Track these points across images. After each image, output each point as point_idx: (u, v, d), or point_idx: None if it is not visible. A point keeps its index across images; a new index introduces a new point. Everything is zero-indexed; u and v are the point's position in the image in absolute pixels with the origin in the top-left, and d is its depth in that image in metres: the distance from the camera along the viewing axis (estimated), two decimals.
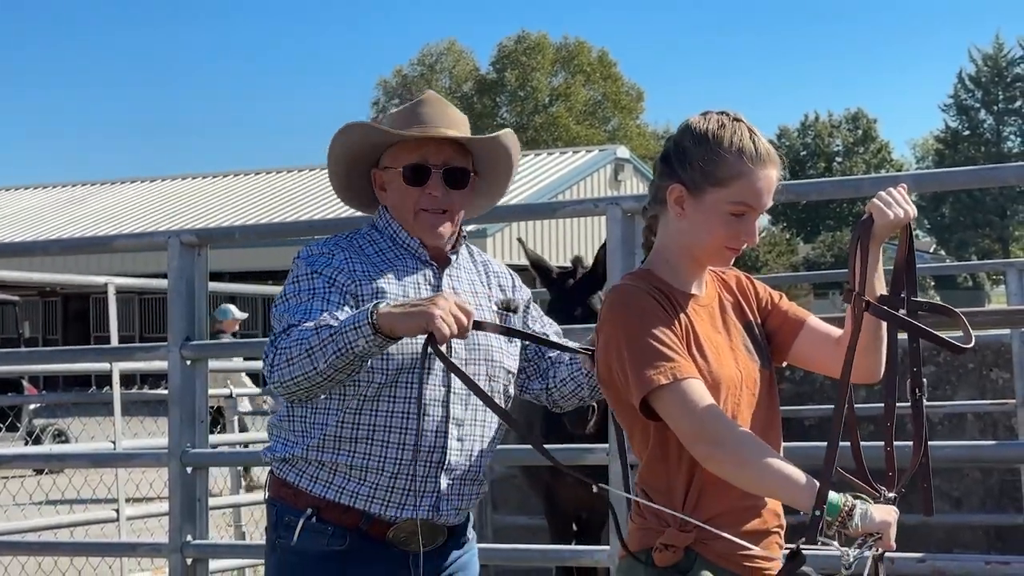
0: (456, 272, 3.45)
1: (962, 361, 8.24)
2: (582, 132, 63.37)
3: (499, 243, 30.12)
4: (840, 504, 2.66)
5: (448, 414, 3.30)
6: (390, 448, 3.26)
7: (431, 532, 3.32)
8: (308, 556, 3.31)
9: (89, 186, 42.01)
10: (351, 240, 3.40)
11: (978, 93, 76.47)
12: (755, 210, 2.94)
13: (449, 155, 3.37)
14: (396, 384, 3.26)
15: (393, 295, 3.27)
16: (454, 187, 3.37)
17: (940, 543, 8.03)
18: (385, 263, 3.35)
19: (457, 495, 3.35)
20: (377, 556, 3.30)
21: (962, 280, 69.81)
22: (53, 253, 7.66)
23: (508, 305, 3.50)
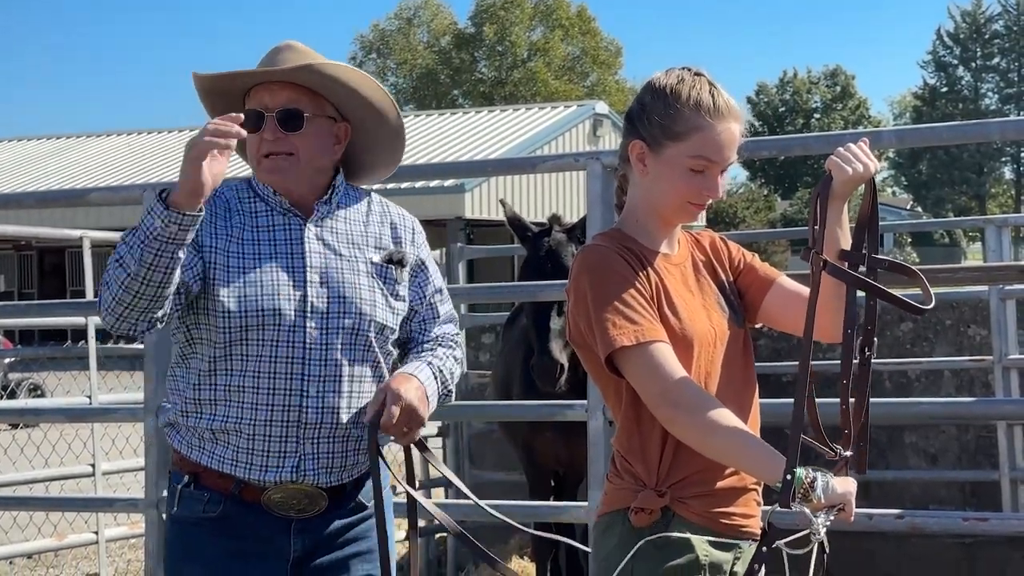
0: (328, 222, 3.33)
1: (939, 318, 8.25)
2: (561, 87, 63.13)
3: (477, 198, 30.05)
4: (802, 477, 2.64)
5: (305, 371, 3.20)
6: (245, 409, 3.18)
7: (307, 497, 3.23)
8: (187, 523, 3.27)
9: (65, 139, 41.73)
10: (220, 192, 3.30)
11: (956, 50, 76.49)
12: (715, 164, 2.91)
13: (287, 98, 3.27)
14: (246, 342, 3.18)
15: (248, 246, 3.22)
16: (291, 129, 3.26)
17: (916, 499, 8.08)
18: (246, 214, 3.29)
19: (325, 454, 3.23)
20: (256, 522, 3.22)
21: (939, 237, 70.12)
22: (27, 206, 7.57)
23: (391, 257, 3.37)
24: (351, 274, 3.29)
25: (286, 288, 3.21)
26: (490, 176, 27.86)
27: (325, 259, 3.28)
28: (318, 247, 3.29)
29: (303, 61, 3.28)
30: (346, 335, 3.25)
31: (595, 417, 4.81)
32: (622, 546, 2.89)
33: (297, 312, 3.20)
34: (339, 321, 3.24)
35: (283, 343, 3.19)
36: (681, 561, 2.85)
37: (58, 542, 7.98)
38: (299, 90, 3.28)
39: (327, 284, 3.25)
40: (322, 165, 3.34)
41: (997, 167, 75.44)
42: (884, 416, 5.94)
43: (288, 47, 3.35)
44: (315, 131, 3.29)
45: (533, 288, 5.71)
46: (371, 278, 3.32)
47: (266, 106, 3.27)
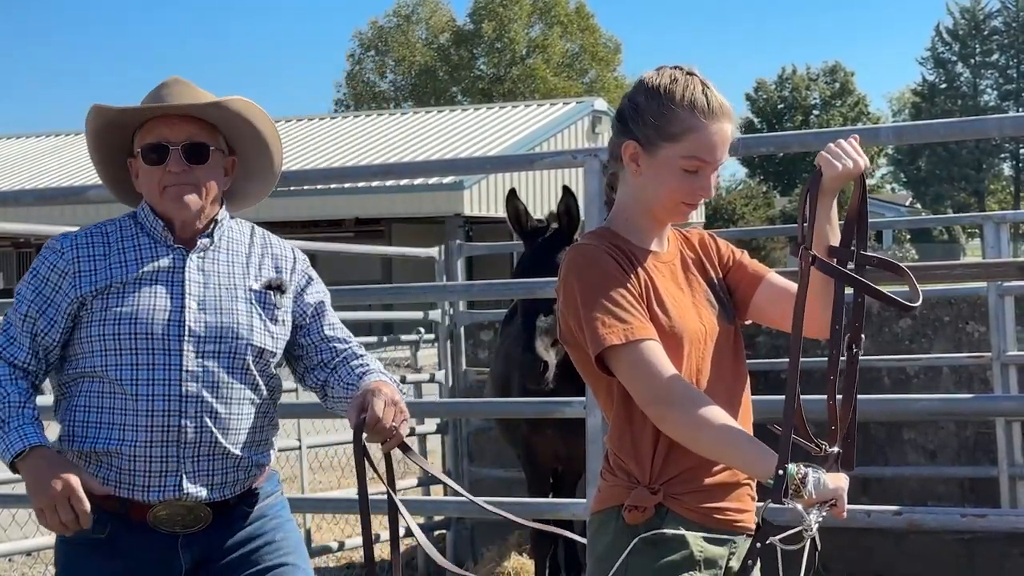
0: (209, 254, 3.41)
1: (938, 315, 8.25)
2: (559, 84, 63.13)
3: (476, 195, 30.03)
4: (793, 472, 2.64)
5: (183, 392, 3.26)
6: (126, 431, 3.26)
7: (189, 512, 3.30)
8: (76, 545, 3.32)
9: (64, 136, 41.71)
10: (96, 231, 3.41)
11: (955, 46, 76.46)
12: (709, 164, 2.92)
13: (188, 132, 3.35)
14: (124, 367, 3.26)
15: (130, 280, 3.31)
16: (196, 162, 3.34)
17: (914, 495, 8.08)
18: (126, 250, 3.36)
19: (206, 472, 3.30)
20: (143, 540, 3.29)
21: (938, 233, 70.11)
22: (26, 203, 7.56)
23: (271, 284, 3.44)
24: (229, 301, 3.38)
25: (163, 314, 3.29)
26: (489, 173, 27.82)
27: (204, 287, 3.36)
28: (198, 276, 3.37)
29: (192, 94, 3.37)
30: (224, 359, 3.33)
31: (593, 414, 4.81)
32: (617, 544, 2.89)
33: (174, 336, 3.28)
34: (216, 345, 3.32)
35: (160, 366, 3.27)
36: (676, 557, 2.86)
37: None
38: (198, 124, 3.37)
39: (205, 310, 3.34)
40: (216, 196, 3.43)
41: (996, 163, 75.40)
42: (883, 412, 5.94)
43: (177, 82, 3.42)
44: (216, 164, 3.40)
45: (531, 285, 5.71)
46: (249, 304, 3.40)
47: (167, 139, 3.35)
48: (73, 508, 3.12)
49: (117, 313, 3.27)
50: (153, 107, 3.36)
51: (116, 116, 3.40)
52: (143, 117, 3.38)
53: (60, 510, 3.11)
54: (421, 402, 7.95)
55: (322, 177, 10.82)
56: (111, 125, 3.43)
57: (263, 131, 3.47)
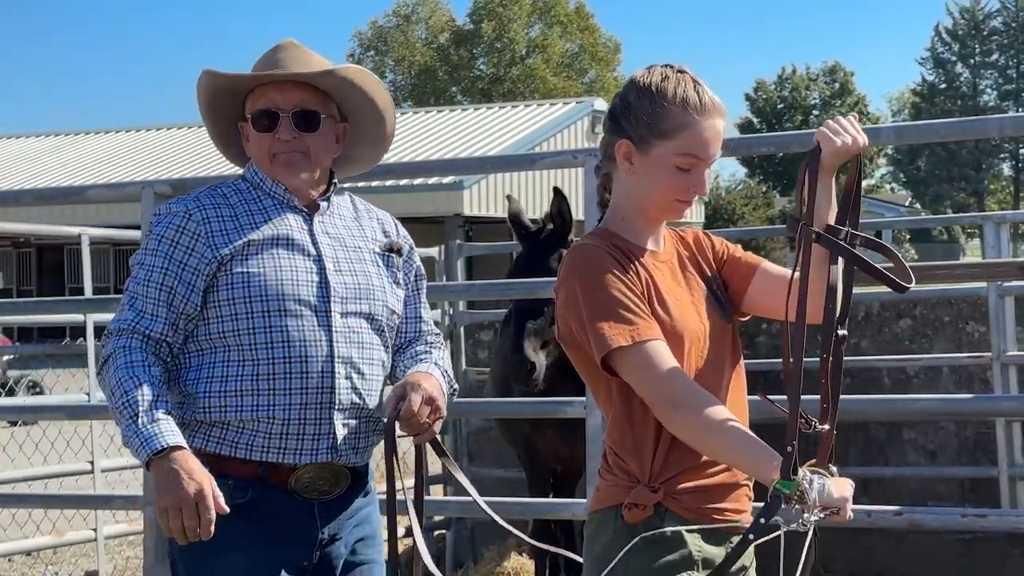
0: (329, 218, 3.42)
1: (938, 315, 8.25)
2: (559, 84, 63.13)
3: (476, 195, 30.04)
4: (798, 478, 2.63)
5: (332, 353, 3.26)
6: (277, 395, 3.21)
7: (333, 476, 3.30)
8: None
9: (64, 136, 41.70)
10: (214, 192, 3.37)
11: (955, 46, 76.42)
12: (703, 161, 2.92)
13: (299, 99, 3.33)
14: (273, 329, 3.22)
15: (265, 241, 3.27)
16: (306, 130, 3.33)
17: (914, 495, 8.08)
18: (253, 212, 3.33)
19: (354, 434, 3.31)
20: (281, 505, 3.26)
21: (938, 233, 70.12)
22: (26, 203, 7.57)
23: (391, 247, 3.48)
24: (360, 263, 3.39)
25: (306, 275, 3.28)
26: (488, 173, 27.83)
27: (335, 250, 3.37)
28: (327, 239, 3.37)
29: (306, 59, 3.35)
30: (365, 319, 3.34)
31: (593, 414, 4.81)
32: (616, 542, 2.89)
33: (320, 298, 3.28)
34: (358, 306, 3.33)
35: (311, 328, 3.25)
36: (674, 557, 2.85)
37: (57, 539, 7.98)
38: (310, 90, 3.35)
39: (342, 272, 3.34)
40: (327, 164, 3.43)
41: (996, 163, 75.36)
42: (883, 412, 5.95)
43: (292, 45, 3.40)
44: (326, 131, 3.39)
45: (531, 285, 5.71)
46: (377, 266, 3.43)
47: (278, 106, 3.33)
48: (199, 514, 3.03)
49: (260, 276, 3.23)
50: (263, 74, 3.34)
51: (226, 82, 3.38)
52: (254, 83, 3.36)
53: (186, 514, 3.02)
54: None
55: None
56: (221, 90, 3.40)
57: (376, 99, 3.45)
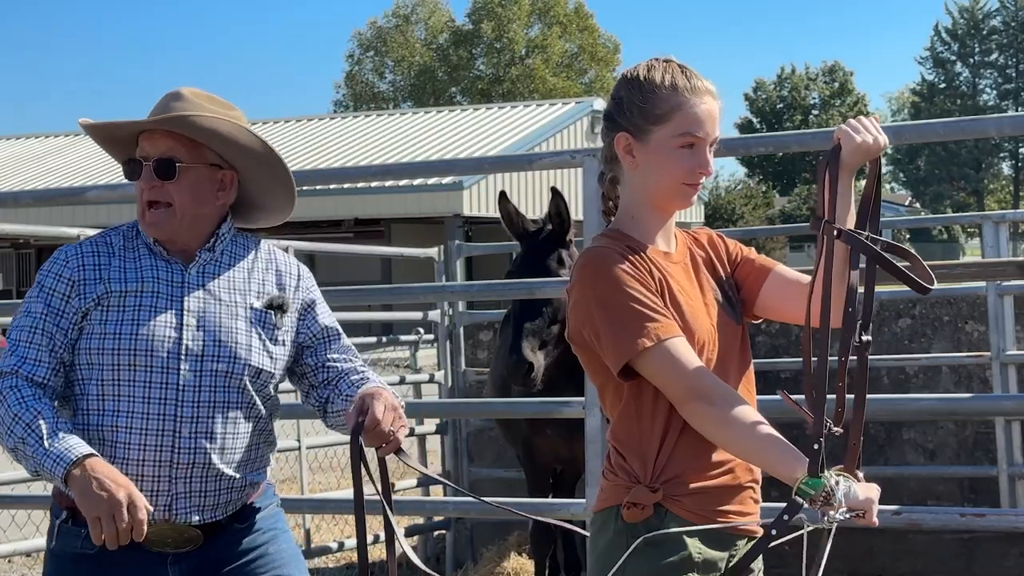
0: (209, 269, 3.37)
1: (937, 314, 8.25)
2: (559, 84, 63.10)
3: (475, 195, 30.03)
4: (823, 480, 2.63)
5: (177, 413, 3.23)
6: (119, 448, 3.21)
7: (178, 534, 3.26)
8: (64, 559, 3.29)
9: (63, 137, 41.69)
10: (100, 240, 3.37)
11: (954, 46, 76.50)
12: (701, 140, 2.92)
13: (165, 147, 3.30)
14: (120, 383, 3.22)
15: (128, 292, 3.26)
16: (164, 178, 3.29)
17: (914, 494, 8.07)
18: (127, 260, 3.32)
19: (199, 493, 3.26)
20: (132, 558, 3.22)
21: (937, 233, 70.10)
22: (25, 204, 7.57)
23: (272, 303, 3.40)
24: (229, 319, 3.33)
25: (161, 330, 3.25)
26: (487, 173, 27.83)
27: (204, 303, 3.32)
28: (197, 292, 3.32)
29: (189, 109, 3.31)
30: (220, 378, 3.28)
31: (592, 414, 4.81)
32: (616, 542, 2.88)
33: (171, 354, 3.24)
34: (213, 364, 3.28)
35: (156, 384, 3.23)
36: (674, 559, 2.84)
37: None
38: (178, 139, 3.31)
39: (203, 328, 3.29)
40: (202, 213, 3.36)
41: (995, 163, 75.42)
42: (882, 412, 5.94)
43: (176, 95, 3.37)
44: (191, 180, 3.32)
45: (530, 285, 5.71)
46: (249, 323, 3.35)
47: (146, 155, 3.32)
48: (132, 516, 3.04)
49: (116, 328, 3.23)
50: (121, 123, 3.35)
51: (98, 132, 3.39)
52: (117, 132, 3.37)
53: (118, 519, 3.02)
54: (420, 402, 7.94)
55: (321, 178, 10.82)
56: (106, 139, 3.41)
57: (250, 147, 3.39)
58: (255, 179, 3.45)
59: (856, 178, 2.93)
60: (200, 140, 3.31)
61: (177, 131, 3.29)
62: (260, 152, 3.40)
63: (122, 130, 3.38)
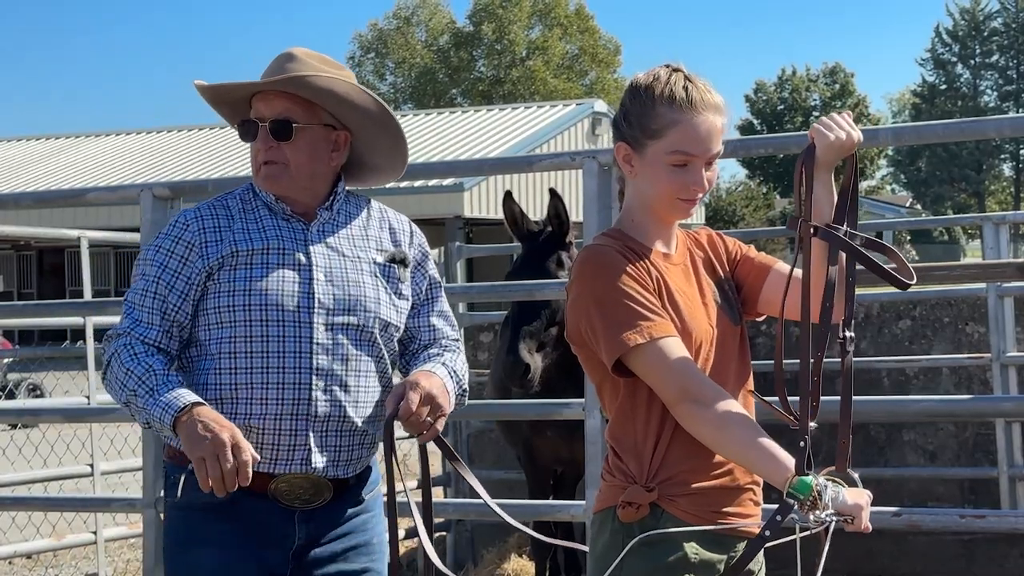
0: (330, 227, 3.41)
1: (938, 316, 8.25)
2: (559, 86, 63.09)
3: (476, 197, 30.04)
4: (811, 484, 2.63)
5: (311, 365, 3.26)
6: (254, 405, 3.25)
7: (313, 487, 3.30)
8: (193, 508, 3.31)
9: (64, 139, 41.70)
10: (218, 202, 3.41)
11: (955, 47, 76.48)
12: (695, 157, 2.89)
13: (281, 108, 3.33)
14: (254, 339, 3.25)
15: (254, 251, 3.30)
16: (282, 139, 3.32)
17: (914, 495, 8.07)
18: (248, 221, 3.36)
19: (333, 447, 3.31)
20: (262, 509, 3.28)
21: (938, 234, 70.09)
22: (26, 206, 7.57)
23: (394, 258, 3.46)
24: (356, 273, 3.38)
25: (291, 285, 3.29)
26: (487, 175, 27.84)
27: (329, 259, 3.36)
28: (322, 248, 3.37)
29: (303, 70, 3.33)
30: (352, 331, 3.33)
31: (592, 416, 4.81)
32: (613, 543, 2.88)
33: (304, 308, 3.28)
34: (345, 318, 3.32)
35: (291, 338, 3.26)
36: (670, 559, 2.84)
37: (57, 542, 7.98)
38: (294, 100, 3.33)
39: (332, 282, 3.33)
40: (318, 172, 3.40)
41: (996, 164, 75.39)
42: (882, 413, 5.94)
43: (289, 56, 3.40)
44: (307, 140, 3.35)
45: (531, 287, 5.71)
46: (375, 277, 3.41)
47: (261, 116, 3.35)
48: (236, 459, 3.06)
49: (245, 285, 3.26)
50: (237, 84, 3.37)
51: (212, 94, 3.42)
52: (243, 92, 3.39)
53: (223, 459, 3.04)
54: None
55: None
56: (218, 102, 3.45)
57: (364, 106, 3.41)
58: (367, 139, 3.49)
59: (835, 176, 2.93)
60: (315, 101, 3.34)
61: (293, 92, 3.32)
62: (374, 112, 3.44)
63: (238, 92, 3.40)
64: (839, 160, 2.83)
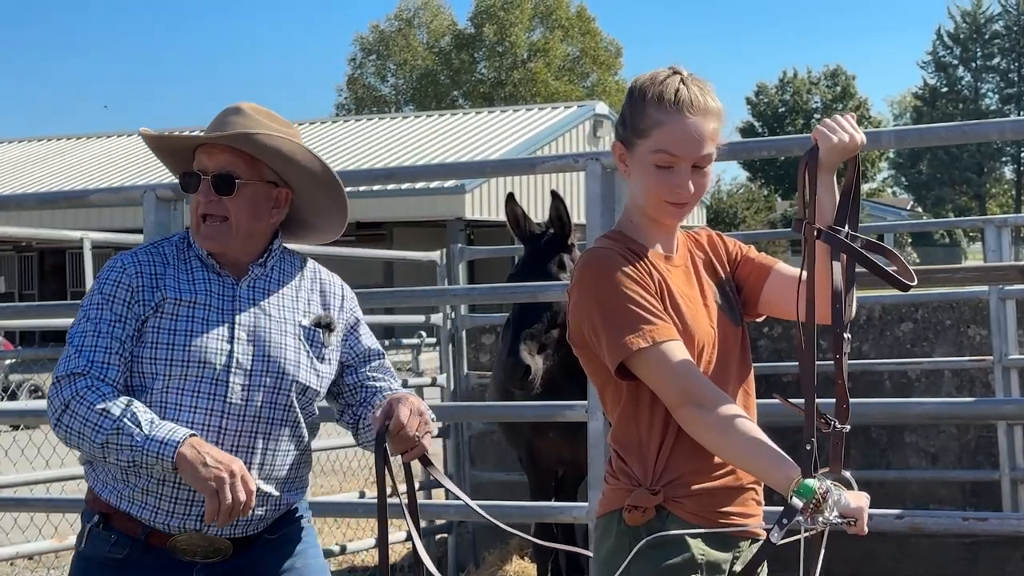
0: (261, 284, 3.39)
1: (939, 318, 8.25)
2: (561, 88, 63.07)
3: (477, 199, 30.03)
4: (814, 488, 2.63)
5: (222, 425, 3.23)
6: None
7: (210, 545, 3.28)
8: (92, 562, 3.30)
9: (66, 140, 41.70)
10: (153, 249, 3.38)
11: (956, 50, 76.48)
12: (678, 159, 2.88)
13: (224, 162, 3.31)
14: (168, 391, 3.23)
15: (182, 303, 3.27)
16: (223, 193, 3.30)
17: (916, 498, 8.08)
18: (180, 272, 3.34)
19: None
20: (160, 565, 3.25)
21: (939, 237, 70.09)
22: (28, 207, 7.59)
23: (320, 321, 3.43)
24: (278, 335, 3.35)
25: (214, 342, 3.26)
26: (489, 177, 27.83)
27: (254, 318, 3.33)
28: (248, 306, 3.34)
29: (250, 126, 3.32)
30: (267, 393, 3.30)
31: (595, 418, 4.81)
32: (619, 546, 2.89)
33: (223, 367, 3.25)
34: (261, 379, 3.29)
35: (205, 395, 3.24)
36: (677, 560, 2.84)
37: (59, 543, 7.97)
38: (238, 155, 3.32)
39: (254, 342, 3.30)
40: (256, 229, 3.38)
41: (997, 167, 75.40)
42: (884, 415, 5.94)
43: (236, 110, 3.39)
44: (249, 196, 3.34)
45: (531, 289, 5.71)
46: (298, 340, 3.38)
47: (205, 168, 3.33)
48: (246, 490, 3.06)
49: (170, 339, 3.24)
50: (182, 136, 3.38)
51: (157, 143, 3.42)
52: (176, 145, 3.40)
53: (234, 491, 3.03)
54: None
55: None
56: (164, 150, 3.44)
57: (309, 168, 3.40)
58: (308, 198, 3.47)
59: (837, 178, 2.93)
60: (260, 158, 3.33)
61: (238, 147, 3.31)
62: (318, 172, 3.42)
63: (182, 143, 3.40)
64: (841, 162, 2.84)
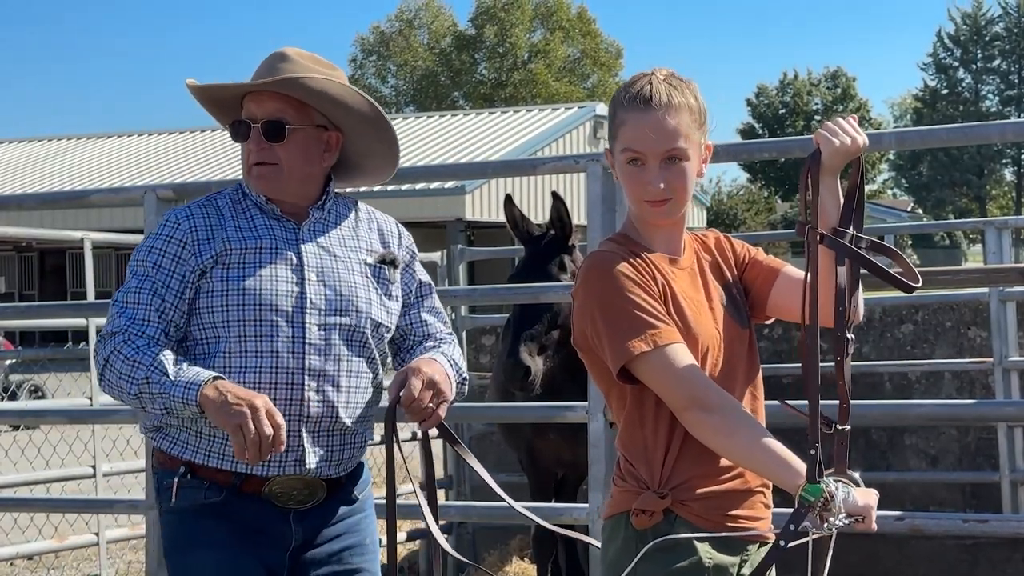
0: (321, 227, 3.41)
1: (940, 320, 8.26)
2: (561, 89, 63.06)
3: (478, 200, 30.05)
4: (823, 488, 2.64)
5: (303, 365, 3.25)
6: None
7: (307, 488, 3.30)
8: (187, 512, 3.30)
9: (67, 141, 41.71)
10: (207, 202, 3.39)
11: (957, 52, 76.41)
12: (639, 154, 2.88)
13: (273, 108, 3.32)
14: (247, 339, 3.24)
15: (246, 250, 3.28)
16: (273, 140, 3.31)
17: (916, 500, 8.08)
18: (240, 221, 3.35)
19: (326, 447, 3.30)
20: (256, 510, 3.28)
21: (939, 239, 70.08)
22: (28, 207, 7.59)
23: (384, 259, 3.46)
24: (347, 273, 3.37)
25: (284, 285, 3.28)
26: (490, 178, 27.84)
27: (321, 260, 3.35)
28: (313, 248, 3.36)
29: (296, 71, 3.32)
30: (344, 332, 3.33)
31: (595, 419, 4.80)
32: (626, 549, 2.88)
33: (296, 309, 3.27)
34: (337, 318, 3.31)
35: (283, 338, 3.25)
36: (684, 564, 2.84)
37: (59, 543, 7.98)
38: (286, 100, 3.32)
39: (324, 282, 3.33)
40: (309, 174, 3.39)
41: (997, 169, 75.34)
42: (885, 417, 5.94)
43: (281, 56, 3.38)
44: (299, 141, 3.34)
45: (532, 290, 5.71)
46: (365, 278, 3.41)
47: (253, 116, 3.34)
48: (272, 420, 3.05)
49: (238, 284, 3.24)
50: (229, 85, 3.37)
51: (203, 93, 3.41)
52: (234, 92, 3.38)
53: (260, 425, 3.02)
54: None
55: None
56: (210, 101, 3.44)
57: (358, 108, 3.40)
58: (359, 141, 3.48)
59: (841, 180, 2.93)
60: (308, 102, 3.33)
61: (286, 93, 3.31)
62: (368, 113, 3.43)
63: (229, 92, 3.39)
64: (844, 165, 2.83)
